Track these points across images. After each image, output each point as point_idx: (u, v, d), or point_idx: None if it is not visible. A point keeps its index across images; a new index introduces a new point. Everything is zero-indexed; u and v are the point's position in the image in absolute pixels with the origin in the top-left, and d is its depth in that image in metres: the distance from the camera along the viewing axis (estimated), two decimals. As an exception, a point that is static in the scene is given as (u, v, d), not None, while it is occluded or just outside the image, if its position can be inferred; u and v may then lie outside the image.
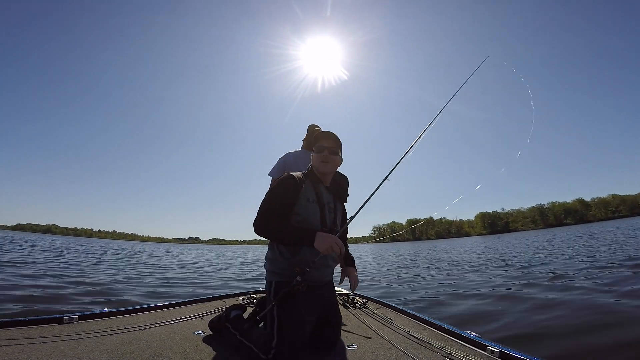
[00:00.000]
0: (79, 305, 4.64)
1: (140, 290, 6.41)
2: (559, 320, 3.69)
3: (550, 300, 4.62)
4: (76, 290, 5.75)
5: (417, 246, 45.48)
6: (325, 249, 1.82)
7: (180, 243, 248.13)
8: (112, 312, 2.64)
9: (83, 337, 2.07)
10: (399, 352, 2.04)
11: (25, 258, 11.79)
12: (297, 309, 1.89)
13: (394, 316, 2.89)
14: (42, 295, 5.17)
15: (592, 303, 4.25)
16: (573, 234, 30.34)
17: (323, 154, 2.12)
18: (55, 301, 4.84)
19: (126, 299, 5.32)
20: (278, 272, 2.01)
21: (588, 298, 4.55)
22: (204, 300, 3.40)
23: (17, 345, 1.86)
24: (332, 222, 2.14)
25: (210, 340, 2.23)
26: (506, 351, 1.88)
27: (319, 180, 2.15)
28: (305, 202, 2.03)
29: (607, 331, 3.20)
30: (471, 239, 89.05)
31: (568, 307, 4.17)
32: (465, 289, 6.15)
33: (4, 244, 20.34)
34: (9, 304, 4.33)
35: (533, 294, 5.12)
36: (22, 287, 5.70)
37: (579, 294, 4.83)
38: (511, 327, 3.58)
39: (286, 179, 2.05)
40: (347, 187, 2.35)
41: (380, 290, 6.73)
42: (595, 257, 9.68)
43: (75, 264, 11.33)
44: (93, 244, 42.24)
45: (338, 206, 2.24)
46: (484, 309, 4.50)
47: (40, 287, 5.83)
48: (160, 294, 6.13)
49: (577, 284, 5.62)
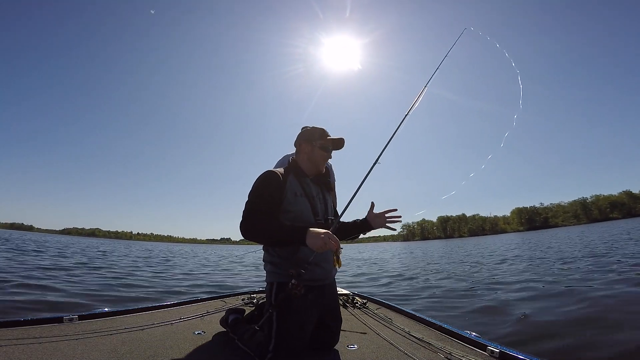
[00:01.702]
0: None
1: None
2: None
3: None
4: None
5: (464, 244, 38.23)
6: (319, 246, 1.65)
7: (213, 244, 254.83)
8: (112, 312, 2.65)
9: (83, 337, 2.09)
10: (399, 352, 2.03)
11: (129, 263, 12.62)
12: (296, 313, 1.84)
13: (394, 316, 2.87)
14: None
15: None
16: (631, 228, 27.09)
17: (328, 154, 2.13)
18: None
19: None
20: (279, 272, 1.95)
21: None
22: (204, 300, 3.41)
23: (17, 345, 1.87)
24: (323, 212, 2.09)
25: (210, 341, 2.23)
26: (506, 351, 1.87)
27: (304, 173, 2.09)
28: (292, 197, 1.95)
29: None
30: (507, 235, 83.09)
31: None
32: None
33: (84, 250, 20.44)
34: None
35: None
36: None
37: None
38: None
39: (267, 176, 1.95)
40: (331, 174, 2.30)
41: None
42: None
43: (175, 265, 12.44)
44: (149, 247, 43.53)
45: (327, 196, 2.19)
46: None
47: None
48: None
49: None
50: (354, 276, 9.63)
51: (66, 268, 9.16)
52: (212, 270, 11.38)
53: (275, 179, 1.94)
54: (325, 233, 1.68)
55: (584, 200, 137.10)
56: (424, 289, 6.68)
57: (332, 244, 1.66)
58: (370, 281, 8.50)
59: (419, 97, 2.52)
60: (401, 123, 2.36)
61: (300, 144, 2.15)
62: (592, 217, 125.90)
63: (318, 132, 2.12)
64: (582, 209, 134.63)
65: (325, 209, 2.12)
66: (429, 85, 2.62)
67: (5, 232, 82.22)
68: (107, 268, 10.10)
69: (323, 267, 1.97)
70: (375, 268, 12.36)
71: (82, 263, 11.06)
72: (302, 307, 1.85)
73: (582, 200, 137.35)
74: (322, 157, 2.12)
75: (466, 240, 68.33)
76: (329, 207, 2.15)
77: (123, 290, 6.13)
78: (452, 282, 7.42)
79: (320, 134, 2.12)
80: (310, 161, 2.11)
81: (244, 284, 7.94)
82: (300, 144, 2.15)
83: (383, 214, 2.21)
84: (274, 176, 1.95)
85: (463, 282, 7.33)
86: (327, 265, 1.98)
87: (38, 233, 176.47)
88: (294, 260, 1.87)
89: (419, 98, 2.52)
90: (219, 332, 2.42)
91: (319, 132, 2.13)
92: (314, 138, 2.11)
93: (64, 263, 10.55)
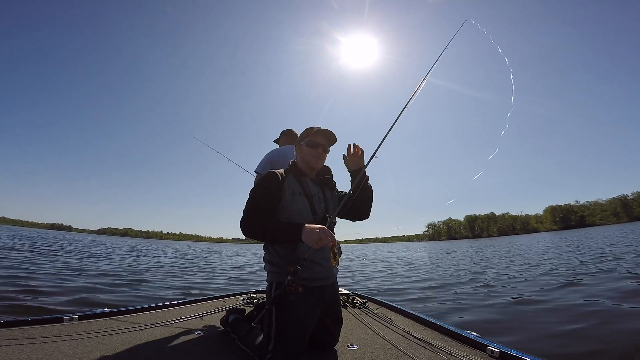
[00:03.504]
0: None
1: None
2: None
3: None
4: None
5: (494, 244, 35.78)
6: (314, 241, 1.65)
7: (239, 243, 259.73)
8: (112, 312, 2.66)
9: (83, 337, 2.09)
10: (399, 352, 2.02)
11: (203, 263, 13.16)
12: (296, 311, 1.82)
13: (393, 316, 2.87)
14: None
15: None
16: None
17: (317, 151, 2.10)
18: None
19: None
20: (279, 271, 1.94)
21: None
22: (204, 300, 3.41)
23: (17, 345, 1.87)
24: (323, 211, 2.08)
25: (210, 341, 2.22)
26: (506, 351, 1.87)
27: (303, 173, 2.11)
28: (290, 196, 1.97)
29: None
30: (542, 235, 78.45)
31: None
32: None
33: (138, 250, 20.83)
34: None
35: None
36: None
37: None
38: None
39: (267, 176, 2.01)
40: (332, 176, 2.31)
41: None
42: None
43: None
44: (191, 247, 44.19)
45: (328, 195, 2.19)
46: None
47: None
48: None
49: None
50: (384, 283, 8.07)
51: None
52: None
53: (275, 178, 1.99)
54: (320, 228, 1.67)
55: (625, 197, 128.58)
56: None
57: (327, 239, 1.65)
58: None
59: (419, 88, 2.45)
60: (398, 116, 2.30)
61: (295, 148, 2.20)
62: (634, 215, 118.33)
63: (305, 132, 2.15)
64: (622, 206, 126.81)
65: (326, 207, 2.11)
66: (430, 76, 2.55)
67: (56, 233, 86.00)
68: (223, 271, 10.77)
69: (323, 266, 1.96)
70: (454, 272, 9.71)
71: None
72: (302, 307, 1.84)
73: (622, 197, 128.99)
74: (312, 154, 2.10)
75: (500, 240, 62.93)
76: (329, 205, 2.14)
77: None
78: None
79: (306, 133, 2.14)
80: (304, 161, 2.13)
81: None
82: (295, 148, 2.21)
83: (348, 154, 2.21)
84: (274, 176, 2.00)
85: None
86: (327, 263, 1.97)
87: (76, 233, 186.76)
88: (293, 259, 1.86)
89: (418, 88, 2.45)
90: (219, 332, 2.42)
91: (306, 131, 2.14)
92: (301, 138, 2.16)
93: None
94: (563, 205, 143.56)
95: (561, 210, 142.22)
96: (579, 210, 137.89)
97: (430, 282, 7.63)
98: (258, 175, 2.90)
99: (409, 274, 9.69)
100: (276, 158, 2.93)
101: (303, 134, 2.15)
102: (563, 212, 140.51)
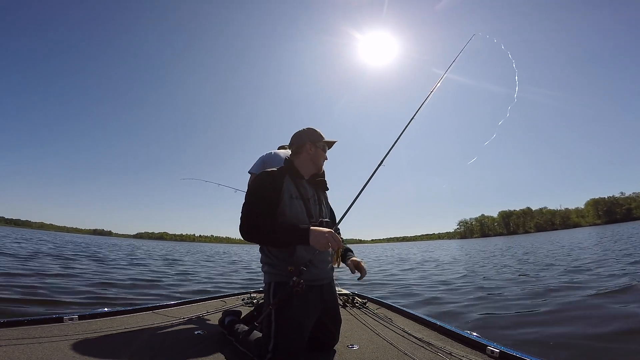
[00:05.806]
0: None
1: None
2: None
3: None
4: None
5: (536, 240, 33.07)
6: (322, 245, 1.72)
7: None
8: (112, 312, 2.66)
9: (83, 337, 2.09)
10: (399, 352, 2.02)
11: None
12: (295, 312, 1.82)
13: (393, 316, 2.87)
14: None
15: None
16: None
17: (325, 153, 2.16)
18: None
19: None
20: (277, 273, 1.95)
21: None
22: (204, 300, 3.41)
23: (17, 345, 1.87)
24: (318, 214, 2.09)
25: (210, 341, 2.22)
26: (506, 351, 1.87)
27: (300, 174, 2.09)
28: (288, 199, 1.95)
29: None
30: (586, 230, 72.15)
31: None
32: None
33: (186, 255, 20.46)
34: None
35: None
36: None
37: None
38: None
39: (264, 177, 1.98)
40: (324, 176, 2.31)
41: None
42: None
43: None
44: (227, 250, 43.68)
45: (321, 196, 2.19)
46: None
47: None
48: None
49: None
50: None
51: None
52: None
53: (273, 181, 1.96)
54: (329, 232, 1.75)
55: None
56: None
57: (335, 243, 1.74)
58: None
59: (433, 91, 2.57)
60: (406, 127, 2.35)
61: (305, 145, 2.12)
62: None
63: (319, 134, 2.15)
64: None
65: (320, 210, 2.11)
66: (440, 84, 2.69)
67: (99, 238, 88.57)
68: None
69: (319, 268, 1.98)
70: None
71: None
72: (301, 306, 1.84)
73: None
74: (324, 158, 2.17)
75: (540, 236, 58.72)
76: (323, 208, 2.15)
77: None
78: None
79: (319, 136, 2.16)
80: (313, 162, 2.13)
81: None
82: (304, 144, 2.12)
83: (361, 266, 2.18)
84: (271, 178, 1.97)
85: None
86: (323, 265, 2.01)
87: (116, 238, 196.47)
88: (291, 261, 1.87)
89: (433, 92, 2.56)
90: (219, 332, 2.41)
91: (319, 133, 2.16)
92: (318, 139, 2.14)
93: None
94: (607, 198, 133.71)
95: (605, 203, 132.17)
96: (624, 202, 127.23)
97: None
98: (252, 176, 2.89)
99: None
100: (269, 162, 2.93)
101: (319, 136, 2.14)
102: (607, 205, 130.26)
